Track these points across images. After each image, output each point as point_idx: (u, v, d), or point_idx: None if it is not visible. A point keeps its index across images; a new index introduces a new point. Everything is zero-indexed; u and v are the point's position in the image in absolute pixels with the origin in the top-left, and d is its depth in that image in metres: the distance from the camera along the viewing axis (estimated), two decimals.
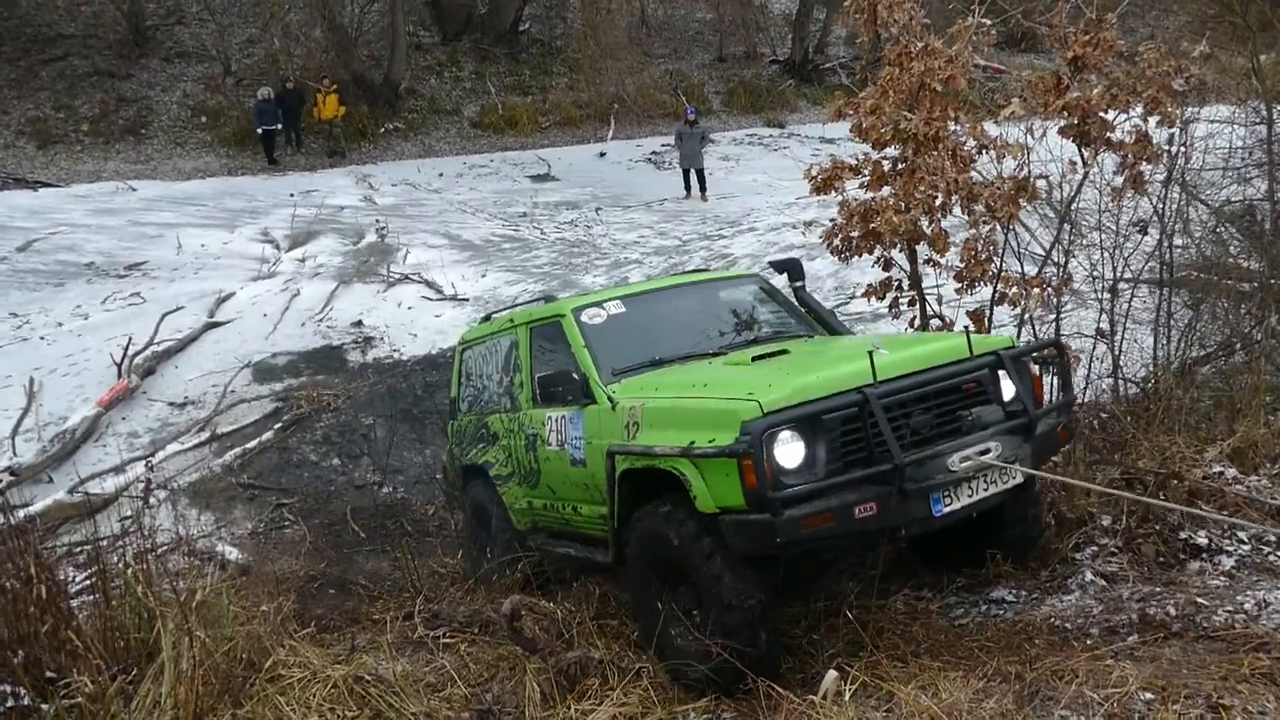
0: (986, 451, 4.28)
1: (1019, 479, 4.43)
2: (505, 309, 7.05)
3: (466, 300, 13.73)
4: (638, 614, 4.90)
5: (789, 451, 4.05)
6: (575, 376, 5.23)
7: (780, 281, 6.60)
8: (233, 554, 7.90)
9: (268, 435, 10.03)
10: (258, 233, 16.35)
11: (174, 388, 10.87)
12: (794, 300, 6.24)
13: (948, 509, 4.23)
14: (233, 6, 25.38)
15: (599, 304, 5.70)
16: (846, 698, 3.53)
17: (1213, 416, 6.01)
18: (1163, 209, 6.93)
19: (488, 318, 7.17)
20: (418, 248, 15.80)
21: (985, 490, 4.34)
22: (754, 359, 5.01)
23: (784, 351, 5.15)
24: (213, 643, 4.37)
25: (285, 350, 12.01)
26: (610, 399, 5.05)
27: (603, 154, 23.47)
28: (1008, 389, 4.60)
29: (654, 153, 23.31)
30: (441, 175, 20.88)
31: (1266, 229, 9.27)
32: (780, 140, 24.72)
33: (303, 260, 15.22)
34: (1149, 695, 3.30)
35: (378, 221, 17.05)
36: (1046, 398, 5.25)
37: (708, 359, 5.31)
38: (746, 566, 4.25)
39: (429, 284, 14.30)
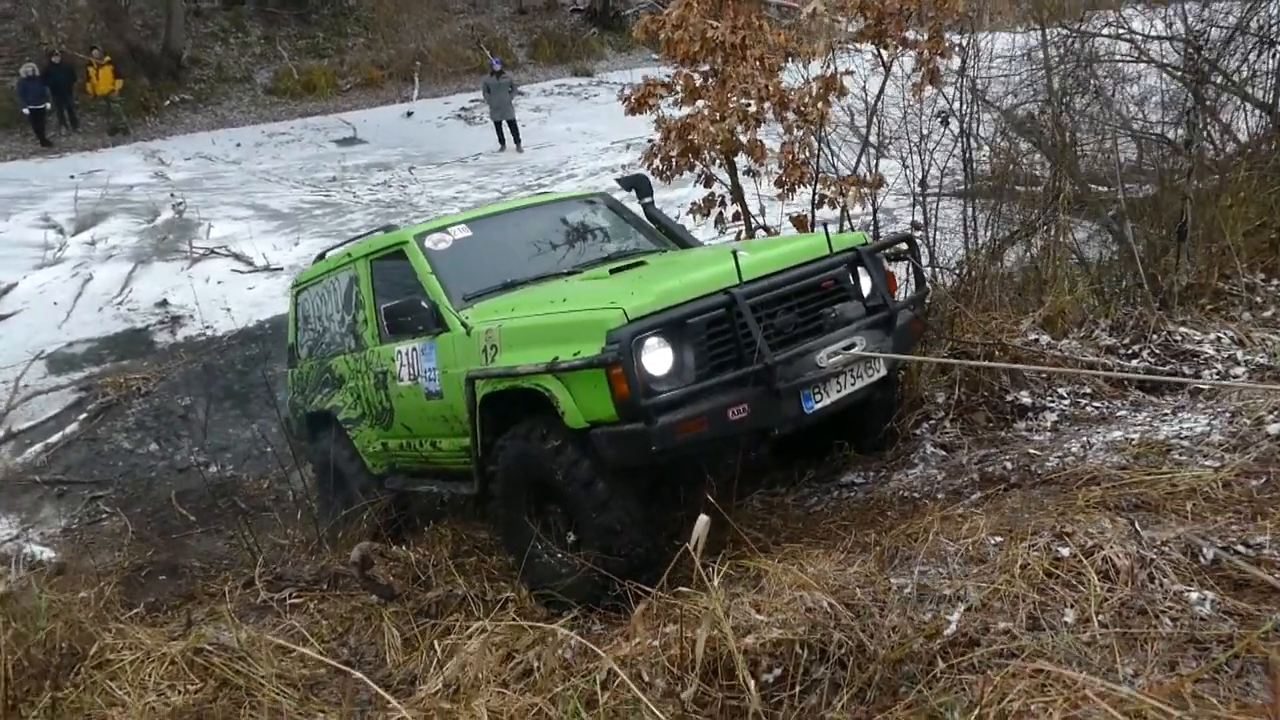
0: (852, 346, 4.30)
1: (883, 372, 4.49)
2: (341, 244, 6.59)
3: (281, 270, 13.01)
4: (508, 542, 4.73)
5: (657, 358, 3.96)
6: (424, 305, 4.94)
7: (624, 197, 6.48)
8: (44, 553, 7.24)
9: (72, 427, 9.24)
10: (37, 218, 14.97)
11: None
12: (643, 217, 6.12)
13: (818, 405, 4.23)
14: None
15: (443, 229, 5.44)
16: (715, 583, 3.49)
17: (1024, 292, 6.32)
18: (960, 106, 7.20)
19: (323, 255, 6.70)
20: (221, 221, 14.86)
21: (853, 385, 4.37)
22: (611, 272, 4.89)
23: (641, 263, 5.05)
24: (25, 632, 3.97)
25: (83, 338, 11.07)
26: (464, 324, 4.80)
27: (410, 113, 22.70)
28: (865, 285, 4.64)
29: (463, 109, 22.73)
30: (239, 145, 19.70)
31: (1048, 135, 9.80)
32: (590, 88, 24.54)
33: (92, 243, 14.05)
34: (998, 538, 3.41)
35: (173, 196, 15.94)
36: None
37: (563, 279, 5.13)
38: (621, 478, 4.14)
39: (238, 256, 13.49)
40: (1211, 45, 8.22)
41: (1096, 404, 4.90)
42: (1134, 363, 5.17)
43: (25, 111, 19.00)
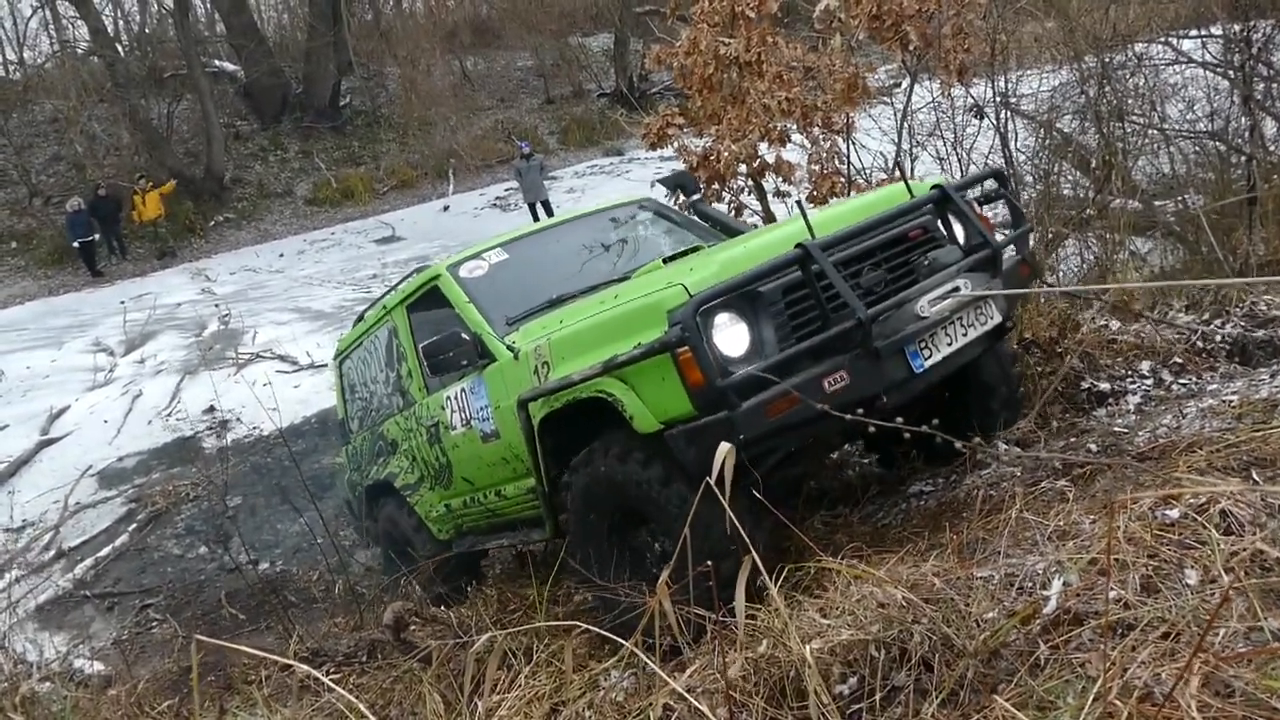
0: (957, 290, 3.72)
1: (998, 318, 3.91)
2: (376, 300, 6.29)
3: (324, 366, 12.98)
4: (593, 585, 4.11)
5: (731, 336, 3.41)
6: (465, 337, 4.52)
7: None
8: (92, 667, 6.99)
9: (122, 539, 9.10)
10: (88, 344, 15.19)
11: (8, 512, 9.79)
12: (692, 216, 5.74)
13: (929, 362, 3.64)
14: (28, 127, 24.02)
15: (477, 255, 5.09)
16: (774, 591, 3.08)
17: (1085, 282, 5.90)
18: (992, 105, 6.90)
19: (361, 317, 6.38)
20: (266, 326, 14.96)
21: (964, 335, 3.78)
22: (666, 261, 4.52)
23: (698, 248, 4.68)
24: None
25: (132, 451, 11.05)
26: (510, 348, 4.40)
27: (446, 208, 23.01)
28: (959, 230, 4.08)
29: (498, 198, 22.97)
30: (282, 255, 20.03)
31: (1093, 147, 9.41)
32: (621, 165, 24.70)
33: (142, 361, 14.19)
34: (1092, 517, 2.98)
35: (218, 308, 16.14)
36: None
37: (613, 285, 4.63)
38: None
39: (282, 358, 13.52)
40: (1255, 41, 7.86)
41: (1183, 380, 4.44)
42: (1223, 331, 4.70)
43: (75, 245, 19.54)
